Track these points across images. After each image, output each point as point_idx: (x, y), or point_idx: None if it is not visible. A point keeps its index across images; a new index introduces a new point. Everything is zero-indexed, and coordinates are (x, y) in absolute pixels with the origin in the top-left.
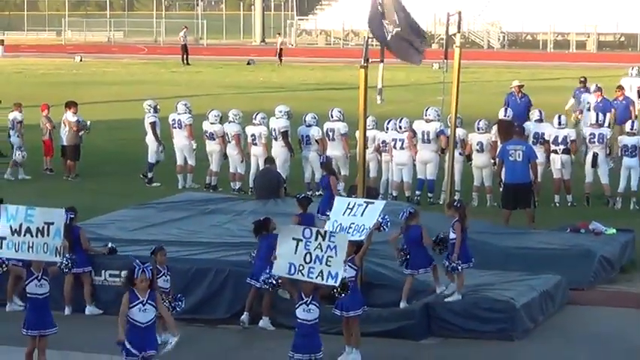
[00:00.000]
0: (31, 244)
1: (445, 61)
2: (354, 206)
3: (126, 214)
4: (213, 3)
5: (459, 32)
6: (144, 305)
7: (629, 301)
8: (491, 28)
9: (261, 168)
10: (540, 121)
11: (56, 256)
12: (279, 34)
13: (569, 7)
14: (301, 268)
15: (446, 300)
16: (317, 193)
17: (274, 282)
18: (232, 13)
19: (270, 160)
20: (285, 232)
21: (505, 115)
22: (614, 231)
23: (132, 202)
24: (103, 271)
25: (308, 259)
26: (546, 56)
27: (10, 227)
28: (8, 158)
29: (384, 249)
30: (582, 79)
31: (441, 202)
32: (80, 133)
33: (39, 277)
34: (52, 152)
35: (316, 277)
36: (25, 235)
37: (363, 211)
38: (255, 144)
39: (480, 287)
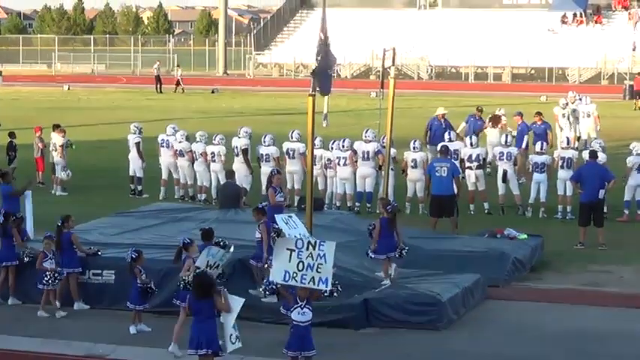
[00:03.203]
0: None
1: (381, 90)
2: (288, 220)
3: (107, 221)
4: (182, 40)
5: (393, 65)
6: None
7: (539, 296)
8: (421, 61)
9: (221, 181)
10: (450, 141)
11: None
12: (178, 65)
13: (487, 44)
14: (295, 275)
15: (381, 283)
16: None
17: (274, 287)
18: (199, 48)
19: (230, 173)
20: (280, 243)
21: (449, 139)
22: (526, 236)
23: (112, 211)
24: (87, 271)
25: (301, 267)
26: (468, 86)
27: (207, 262)
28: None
29: None
30: (479, 108)
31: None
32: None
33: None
34: (43, 168)
35: (308, 283)
36: (213, 269)
37: (294, 223)
38: (214, 161)
39: (411, 284)
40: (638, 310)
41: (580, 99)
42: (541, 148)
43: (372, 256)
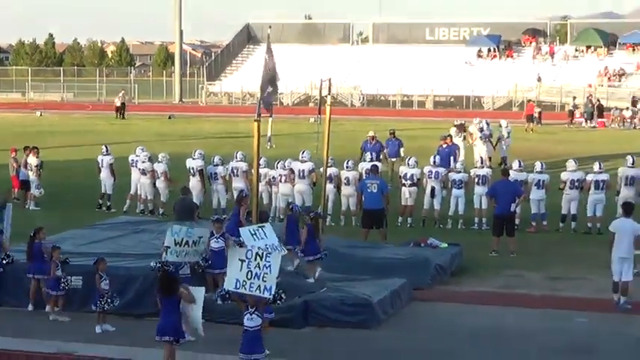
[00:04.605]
0: (187, 252)
1: (319, 116)
2: (255, 232)
3: (75, 233)
4: (142, 71)
5: (329, 94)
6: None
7: (459, 298)
8: (354, 90)
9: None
10: (372, 160)
11: (199, 257)
12: (125, 95)
13: (412, 75)
14: (244, 283)
15: (307, 280)
16: (223, 217)
17: (225, 294)
18: (157, 78)
19: (185, 190)
20: (233, 254)
21: (370, 159)
22: (446, 245)
23: (80, 224)
24: None
25: (249, 276)
26: (395, 112)
27: (174, 240)
28: None
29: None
30: (391, 131)
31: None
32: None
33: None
34: (18, 185)
35: (255, 290)
36: (184, 246)
37: (264, 233)
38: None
39: (345, 288)
40: (544, 310)
41: (499, 124)
42: (456, 167)
43: (305, 258)
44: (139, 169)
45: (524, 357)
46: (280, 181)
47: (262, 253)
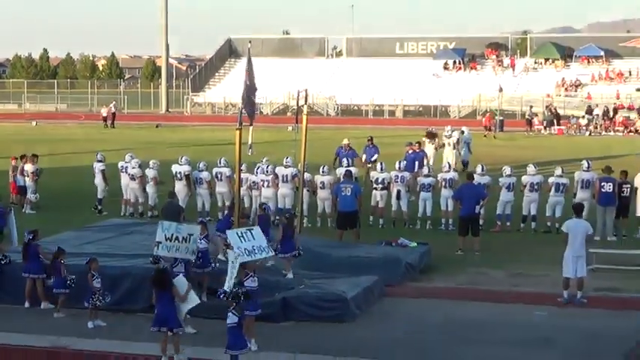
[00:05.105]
0: (177, 247)
1: (296, 124)
2: (242, 234)
3: (70, 234)
4: (131, 83)
5: (305, 104)
6: None
7: (427, 293)
8: (329, 101)
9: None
10: (348, 166)
11: (192, 255)
12: (115, 106)
13: (383, 86)
14: (229, 282)
15: (286, 277)
16: (207, 219)
17: (221, 295)
18: (145, 90)
19: (172, 194)
20: (227, 256)
21: (347, 164)
22: (416, 244)
23: (74, 226)
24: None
25: (230, 276)
26: (367, 121)
27: (165, 235)
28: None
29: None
30: (369, 138)
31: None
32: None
33: None
34: (17, 191)
35: (230, 287)
36: (174, 241)
37: (252, 235)
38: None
39: (322, 285)
40: (507, 304)
41: (462, 132)
42: (428, 172)
43: (279, 255)
44: (129, 174)
45: (488, 348)
46: (263, 186)
47: (237, 256)
